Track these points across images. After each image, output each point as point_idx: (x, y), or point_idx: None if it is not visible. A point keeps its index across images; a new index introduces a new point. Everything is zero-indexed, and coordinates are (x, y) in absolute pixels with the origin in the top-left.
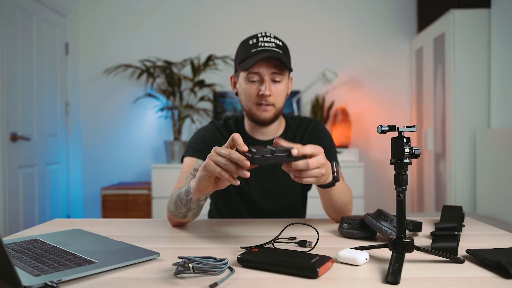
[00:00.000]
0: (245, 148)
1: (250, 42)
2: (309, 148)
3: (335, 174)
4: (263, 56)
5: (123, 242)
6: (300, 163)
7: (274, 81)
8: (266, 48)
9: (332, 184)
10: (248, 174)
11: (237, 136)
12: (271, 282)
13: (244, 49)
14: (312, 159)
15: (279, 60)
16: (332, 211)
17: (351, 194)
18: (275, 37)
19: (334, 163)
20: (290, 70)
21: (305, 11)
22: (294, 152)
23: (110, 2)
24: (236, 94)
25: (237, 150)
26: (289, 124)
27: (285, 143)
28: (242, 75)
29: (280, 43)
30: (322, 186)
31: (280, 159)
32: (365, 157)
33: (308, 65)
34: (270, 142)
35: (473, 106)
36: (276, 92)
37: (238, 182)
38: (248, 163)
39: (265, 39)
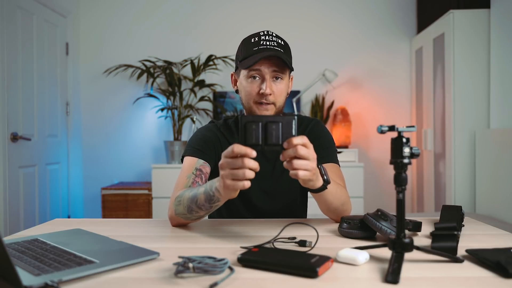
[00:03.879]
0: (254, 153)
1: (252, 40)
2: (299, 139)
3: (325, 177)
4: (265, 55)
5: (123, 242)
6: (290, 150)
7: (275, 78)
8: (268, 46)
9: (323, 187)
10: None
11: (237, 147)
12: (271, 282)
13: (246, 47)
14: (301, 147)
15: (280, 59)
16: (330, 213)
17: (347, 194)
18: (277, 36)
19: (322, 167)
20: (291, 69)
21: (305, 10)
22: (285, 145)
23: (110, 2)
24: (237, 91)
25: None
26: None
27: None
28: (243, 73)
29: (282, 42)
30: (314, 191)
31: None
32: (365, 157)
33: (308, 65)
34: None
35: (473, 106)
36: (277, 91)
37: (255, 153)
38: (254, 153)
39: (267, 37)
